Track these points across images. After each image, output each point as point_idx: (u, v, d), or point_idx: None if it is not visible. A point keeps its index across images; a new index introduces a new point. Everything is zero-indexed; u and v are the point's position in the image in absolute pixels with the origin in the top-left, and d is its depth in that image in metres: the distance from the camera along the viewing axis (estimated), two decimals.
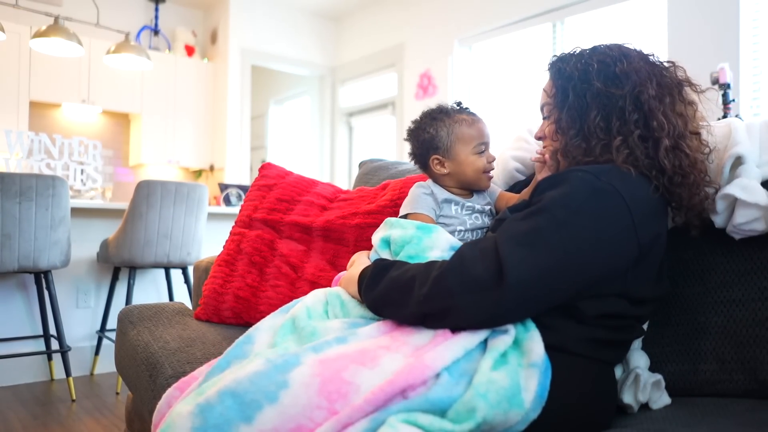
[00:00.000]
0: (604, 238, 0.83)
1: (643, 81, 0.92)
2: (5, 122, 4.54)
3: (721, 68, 2.32)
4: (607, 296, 0.87)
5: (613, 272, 0.86)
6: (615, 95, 0.92)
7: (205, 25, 5.85)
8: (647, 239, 0.87)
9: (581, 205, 0.84)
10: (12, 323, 2.90)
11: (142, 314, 1.50)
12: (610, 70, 0.93)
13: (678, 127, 0.92)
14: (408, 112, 5.09)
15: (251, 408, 0.74)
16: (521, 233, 0.83)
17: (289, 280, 1.49)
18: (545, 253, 0.81)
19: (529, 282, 0.79)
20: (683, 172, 0.92)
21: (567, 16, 3.94)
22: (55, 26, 3.35)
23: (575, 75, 0.96)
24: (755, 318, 0.99)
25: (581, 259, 0.82)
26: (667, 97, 0.93)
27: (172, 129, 5.36)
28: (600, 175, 0.86)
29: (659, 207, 0.92)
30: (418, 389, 0.75)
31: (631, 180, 0.88)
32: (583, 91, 0.95)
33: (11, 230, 2.40)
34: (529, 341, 0.83)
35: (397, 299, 0.89)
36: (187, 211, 2.89)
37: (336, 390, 0.75)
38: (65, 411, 2.50)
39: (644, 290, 0.91)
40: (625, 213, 0.84)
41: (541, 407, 0.79)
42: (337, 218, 1.51)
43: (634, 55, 0.97)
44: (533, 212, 0.86)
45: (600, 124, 0.93)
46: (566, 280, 0.82)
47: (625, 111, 0.92)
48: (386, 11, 5.41)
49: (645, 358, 1.03)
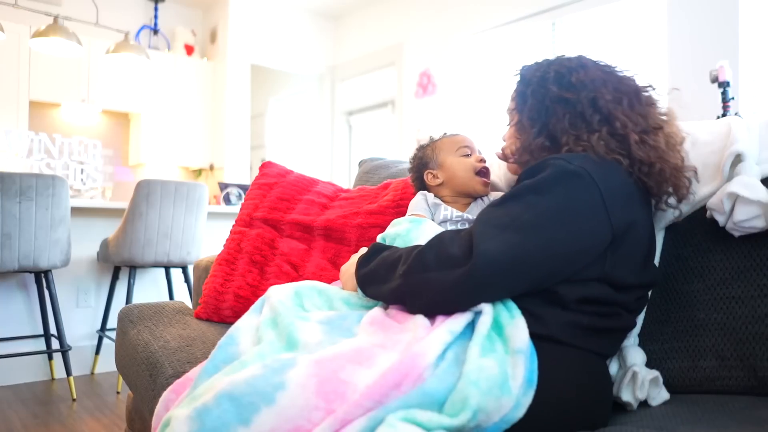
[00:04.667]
0: (572, 215, 0.86)
1: (598, 87, 0.99)
2: (5, 122, 4.54)
3: (721, 66, 2.32)
4: (588, 281, 0.89)
5: (585, 252, 0.87)
6: (571, 99, 0.99)
7: (204, 24, 5.85)
8: (621, 223, 0.89)
9: (551, 187, 0.88)
10: (12, 323, 2.90)
11: (142, 313, 1.50)
12: (566, 79, 1.01)
13: (640, 124, 0.97)
14: (408, 110, 5.09)
15: (248, 410, 0.74)
16: (494, 217, 0.88)
17: (290, 279, 1.48)
18: (513, 229, 0.85)
19: (497, 256, 0.83)
20: (650, 163, 0.95)
21: (566, 15, 3.94)
22: (55, 26, 3.35)
23: (533, 81, 1.05)
24: (755, 315, 0.99)
25: (549, 234, 0.85)
26: (624, 98, 0.98)
27: (171, 128, 5.36)
28: (572, 160, 0.90)
29: (635, 194, 0.94)
30: (414, 382, 0.76)
31: (604, 165, 0.92)
32: (541, 95, 1.02)
33: (11, 230, 2.40)
34: (513, 328, 0.84)
35: (383, 275, 0.96)
36: (187, 211, 2.89)
37: (333, 390, 0.75)
38: (66, 410, 2.50)
39: (627, 276, 0.92)
40: (595, 193, 0.87)
41: (532, 391, 0.80)
42: (338, 217, 1.51)
43: (591, 65, 1.03)
44: (507, 198, 0.91)
45: (567, 122, 0.98)
46: (536, 256, 0.84)
47: (585, 113, 0.97)
48: (385, 10, 5.40)
49: (642, 354, 1.04)
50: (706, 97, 3.01)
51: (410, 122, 5.07)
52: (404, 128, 5.12)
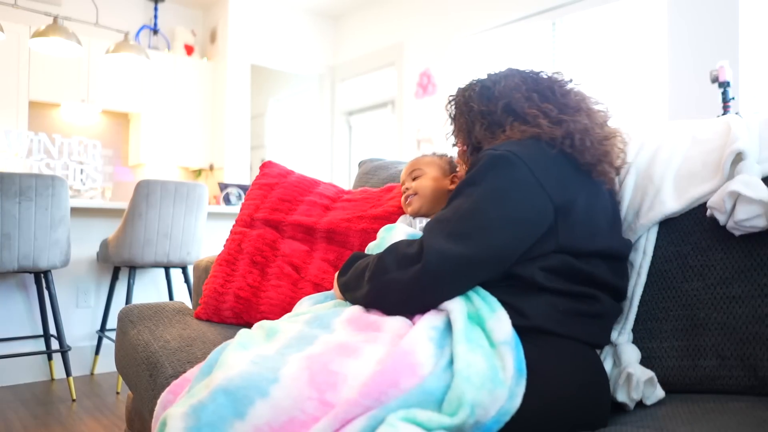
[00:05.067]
0: (507, 193, 0.92)
1: (513, 92, 1.07)
2: (5, 122, 4.54)
3: (721, 66, 2.32)
4: (546, 254, 0.93)
5: (530, 225, 0.91)
6: (489, 111, 1.08)
7: (204, 24, 5.85)
8: (561, 193, 0.93)
9: (484, 174, 0.94)
10: (12, 323, 2.90)
11: (142, 314, 1.50)
12: (489, 92, 1.10)
13: (554, 110, 1.03)
14: (407, 110, 5.09)
15: (243, 404, 0.75)
16: (440, 215, 0.96)
17: (292, 281, 1.48)
18: (456, 221, 0.91)
19: (443, 247, 0.88)
20: (570, 135, 1.00)
21: (566, 14, 3.94)
22: (55, 26, 3.35)
23: (460, 102, 1.15)
24: (755, 315, 0.99)
25: (489, 215, 0.90)
26: (534, 95, 1.06)
27: (171, 128, 5.36)
28: (498, 147, 0.97)
29: (567, 166, 0.98)
30: (413, 380, 0.77)
31: (527, 144, 0.98)
32: (465, 115, 1.12)
33: (11, 230, 2.40)
34: (495, 321, 0.87)
35: (355, 283, 1.02)
36: (187, 211, 2.89)
37: (325, 381, 0.77)
38: (65, 411, 2.50)
39: (585, 243, 0.95)
40: (524, 169, 0.93)
41: (524, 380, 0.82)
42: (342, 221, 1.50)
43: (514, 74, 1.11)
44: (450, 199, 0.98)
45: (486, 131, 1.08)
46: (481, 239, 0.89)
47: (500, 119, 1.06)
48: (385, 10, 5.40)
49: (636, 352, 1.04)
50: (706, 97, 3.02)
51: (410, 122, 5.07)
52: (404, 128, 5.12)
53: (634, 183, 1.15)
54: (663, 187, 1.10)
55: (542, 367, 0.85)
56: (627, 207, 1.14)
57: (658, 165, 1.13)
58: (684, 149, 1.14)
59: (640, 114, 3.55)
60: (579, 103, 1.06)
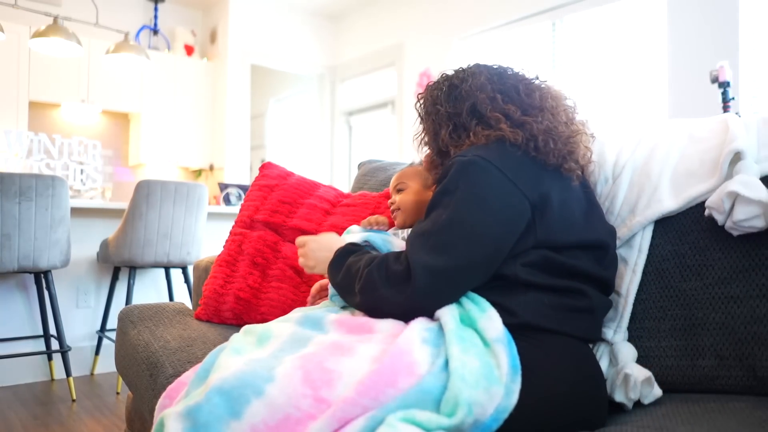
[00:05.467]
0: (483, 198, 0.92)
1: (478, 93, 1.06)
2: (5, 122, 4.54)
3: (721, 66, 2.32)
4: (527, 251, 0.94)
5: (511, 224, 0.93)
6: (455, 113, 1.07)
7: (204, 24, 5.85)
8: (534, 191, 0.94)
9: (457, 183, 0.94)
10: (12, 323, 2.90)
11: (142, 314, 1.50)
12: (457, 91, 1.09)
13: (516, 110, 1.03)
14: (408, 111, 5.09)
15: (239, 403, 0.75)
16: (419, 228, 0.96)
17: (293, 284, 1.48)
18: (437, 233, 0.92)
19: (429, 262, 0.89)
20: (534, 137, 1.00)
21: (566, 15, 3.94)
22: (55, 26, 3.35)
23: (428, 103, 1.14)
24: (754, 315, 0.99)
25: (470, 221, 0.91)
26: (498, 96, 1.05)
27: (171, 128, 5.36)
28: (465, 153, 0.98)
29: (534, 165, 0.99)
30: (410, 380, 0.78)
31: (493, 147, 0.99)
32: (432, 117, 1.11)
33: (11, 230, 2.40)
34: (486, 320, 0.88)
35: (348, 288, 1.01)
36: (187, 211, 2.89)
37: (319, 378, 0.78)
38: (65, 411, 2.50)
39: (563, 236, 0.96)
40: (495, 172, 0.94)
41: (519, 377, 0.82)
42: (343, 230, 1.50)
43: (482, 71, 1.10)
44: (428, 211, 0.98)
45: (450, 135, 1.07)
46: (465, 247, 0.90)
47: (465, 122, 1.06)
48: (385, 10, 5.41)
49: (632, 350, 1.04)
50: (706, 98, 3.02)
51: (410, 123, 5.07)
52: (404, 128, 5.12)
53: (629, 180, 1.15)
54: (660, 184, 1.10)
55: (536, 363, 0.86)
56: (621, 203, 1.14)
57: (655, 162, 1.13)
58: (681, 147, 1.14)
59: (640, 114, 3.55)
60: (543, 101, 1.06)
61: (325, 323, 0.97)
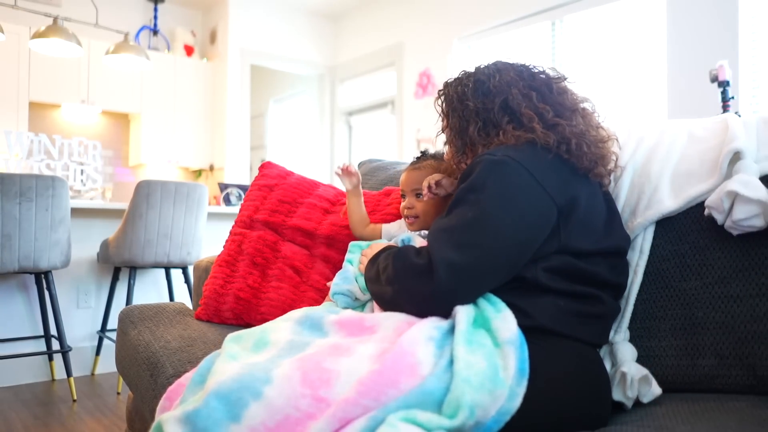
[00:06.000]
0: (511, 199, 0.91)
1: (510, 89, 1.04)
2: (5, 123, 4.54)
3: (720, 66, 2.32)
4: (549, 255, 0.93)
5: (536, 229, 0.91)
6: (485, 108, 1.04)
7: (204, 24, 5.85)
8: (562, 195, 0.93)
9: (485, 181, 0.92)
10: (13, 324, 2.90)
11: (142, 314, 1.50)
12: (485, 86, 1.06)
13: (550, 111, 1.01)
14: (407, 110, 5.09)
15: (238, 406, 0.75)
16: (443, 224, 0.94)
17: (293, 284, 1.48)
18: (462, 230, 0.90)
19: (454, 261, 0.87)
20: (567, 140, 0.98)
21: (566, 15, 3.94)
22: (54, 27, 3.35)
23: (454, 98, 1.10)
24: (754, 314, 0.99)
25: (496, 222, 0.89)
26: (533, 93, 1.03)
27: (171, 129, 5.36)
28: (495, 152, 0.96)
29: (564, 168, 0.97)
30: (412, 380, 0.77)
31: (523, 149, 0.97)
32: (460, 112, 1.08)
33: (11, 231, 2.40)
34: (501, 321, 0.87)
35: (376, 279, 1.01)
36: (187, 211, 2.90)
37: (318, 378, 0.78)
38: (66, 411, 2.51)
39: (586, 244, 0.95)
40: (525, 173, 0.92)
41: (525, 381, 0.82)
42: (342, 228, 1.50)
43: (507, 68, 1.08)
44: (451, 206, 0.96)
45: (480, 133, 1.05)
46: (491, 247, 0.89)
47: (496, 117, 1.03)
48: (385, 10, 5.41)
49: (632, 350, 1.04)
50: (705, 97, 3.02)
51: (410, 122, 5.07)
52: (404, 128, 5.12)
53: (630, 181, 1.15)
54: (660, 185, 1.11)
55: (546, 367, 0.85)
56: (623, 205, 1.14)
57: (655, 163, 1.13)
58: (681, 147, 1.14)
59: (639, 114, 3.55)
60: (575, 103, 1.05)
61: (325, 324, 0.96)
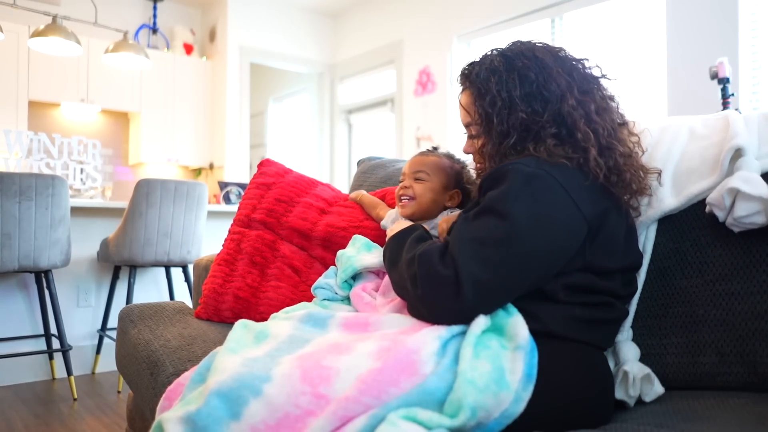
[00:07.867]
0: (544, 217, 0.87)
1: (563, 95, 0.95)
2: (4, 122, 4.54)
3: (720, 63, 2.32)
4: (572, 272, 0.91)
5: (566, 249, 0.89)
6: (533, 111, 0.95)
7: (203, 23, 5.84)
8: (593, 214, 0.90)
9: (518, 194, 0.88)
10: (13, 323, 2.90)
11: (142, 313, 1.50)
12: (533, 88, 0.96)
13: (606, 128, 0.95)
14: (407, 108, 5.09)
15: (238, 404, 0.75)
16: (470, 233, 0.88)
17: (292, 283, 1.48)
18: (492, 245, 0.85)
19: (482, 278, 0.83)
20: (618, 171, 0.94)
21: (566, 12, 3.94)
22: (54, 25, 3.34)
23: (498, 102, 0.98)
24: (755, 311, 0.99)
25: (527, 241, 0.85)
26: (590, 104, 0.96)
27: (171, 127, 5.36)
28: (529, 164, 0.91)
29: (596, 186, 0.93)
30: (414, 379, 0.77)
31: (561, 168, 0.91)
32: (507, 116, 0.97)
33: (11, 230, 2.40)
34: (513, 326, 0.86)
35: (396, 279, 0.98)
36: (187, 210, 2.89)
37: (317, 375, 0.78)
38: (67, 410, 2.51)
39: (608, 262, 0.94)
40: (560, 191, 0.88)
41: (531, 386, 0.81)
42: (338, 229, 1.49)
43: (550, 62, 0.98)
44: (479, 212, 0.91)
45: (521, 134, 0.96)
46: (519, 267, 0.86)
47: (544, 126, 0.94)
48: (385, 8, 5.40)
49: (635, 350, 1.04)
50: (705, 94, 3.01)
51: (410, 120, 5.07)
52: (404, 126, 5.12)
53: None
54: (662, 183, 1.10)
55: (553, 371, 0.84)
56: None
57: (656, 161, 1.13)
58: (682, 145, 1.14)
59: (639, 111, 3.55)
60: (623, 116, 0.99)
61: (330, 322, 0.96)
